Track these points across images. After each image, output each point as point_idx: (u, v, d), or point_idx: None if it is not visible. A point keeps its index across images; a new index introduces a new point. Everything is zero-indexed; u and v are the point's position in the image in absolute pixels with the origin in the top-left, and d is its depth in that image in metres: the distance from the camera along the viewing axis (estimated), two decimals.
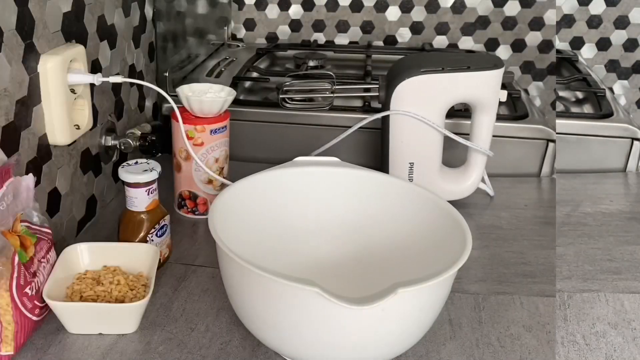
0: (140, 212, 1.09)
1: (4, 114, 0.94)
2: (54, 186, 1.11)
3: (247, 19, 2.24)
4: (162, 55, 1.60)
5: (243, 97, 1.66)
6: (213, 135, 1.24)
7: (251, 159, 1.58)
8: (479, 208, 1.37)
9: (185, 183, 1.29)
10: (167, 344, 0.94)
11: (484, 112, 1.28)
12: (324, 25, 2.23)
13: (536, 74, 2.23)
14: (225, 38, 2.17)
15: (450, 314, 1.02)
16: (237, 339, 0.96)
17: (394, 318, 0.79)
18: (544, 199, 1.43)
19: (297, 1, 2.20)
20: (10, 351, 0.89)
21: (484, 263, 1.16)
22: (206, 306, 1.03)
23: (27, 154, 1.02)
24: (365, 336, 0.80)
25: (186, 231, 1.26)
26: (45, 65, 1.03)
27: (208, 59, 1.92)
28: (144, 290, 1.00)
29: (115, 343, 0.94)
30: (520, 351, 0.95)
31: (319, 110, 1.54)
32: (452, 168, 1.37)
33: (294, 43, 2.21)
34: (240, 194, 1.01)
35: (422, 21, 2.19)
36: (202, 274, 1.12)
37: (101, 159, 1.29)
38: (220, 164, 1.28)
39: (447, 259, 0.84)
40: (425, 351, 0.94)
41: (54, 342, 0.94)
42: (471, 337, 0.97)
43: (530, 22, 2.14)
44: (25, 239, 0.91)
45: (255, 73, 1.79)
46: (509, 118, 1.53)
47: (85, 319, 0.95)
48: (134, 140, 1.33)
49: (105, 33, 1.27)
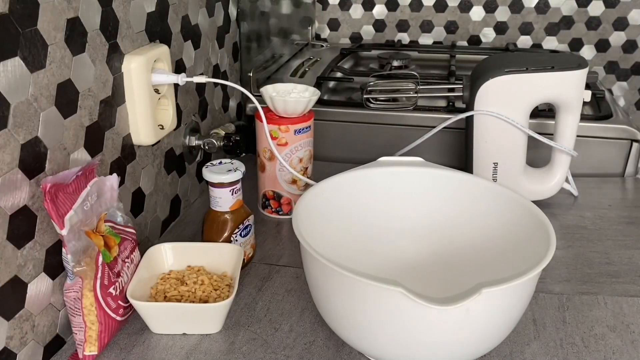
0: (224, 212, 1.08)
1: (88, 114, 0.95)
2: (138, 186, 1.12)
3: (331, 19, 2.24)
4: (246, 55, 1.59)
5: (327, 97, 1.66)
6: (297, 135, 1.23)
7: (335, 159, 1.57)
8: (563, 208, 1.36)
9: (269, 183, 1.29)
10: (251, 344, 0.94)
11: (568, 112, 1.26)
12: (408, 25, 2.21)
13: (620, 74, 2.17)
14: (309, 38, 2.17)
15: (534, 314, 1.01)
16: (321, 339, 0.95)
17: (478, 318, 0.78)
18: (628, 199, 1.40)
19: (381, 1, 2.19)
20: (95, 351, 0.89)
21: (568, 263, 1.14)
22: (290, 306, 1.02)
23: (111, 154, 1.02)
24: (449, 336, 0.79)
25: (270, 231, 1.26)
26: (129, 65, 1.03)
27: (292, 59, 1.92)
28: (228, 290, 0.99)
29: (199, 343, 0.94)
30: (604, 351, 0.93)
31: (403, 110, 1.52)
32: (536, 168, 1.35)
33: (378, 43, 2.20)
34: (324, 194, 1.00)
35: (506, 21, 2.15)
36: (286, 274, 1.11)
37: (185, 159, 1.30)
38: (304, 164, 1.27)
39: (531, 259, 0.82)
40: (509, 351, 0.93)
41: (138, 342, 0.94)
42: (555, 337, 0.96)
43: (614, 22, 2.09)
44: (109, 239, 0.92)
45: (339, 73, 1.78)
46: (593, 118, 1.50)
47: (169, 319, 0.94)
48: (218, 140, 1.32)
49: (189, 33, 1.27)
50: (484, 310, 0.77)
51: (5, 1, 0.75)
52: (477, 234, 1.02)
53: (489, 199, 1.01)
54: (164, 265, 1.04)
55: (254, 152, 1.30)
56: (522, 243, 0.92)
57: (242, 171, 1.08)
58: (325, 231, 0.97)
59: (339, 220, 1.02)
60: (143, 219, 1.15)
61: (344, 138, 1.57)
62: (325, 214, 0.99)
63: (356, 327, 0.82)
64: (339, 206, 1.02)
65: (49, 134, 0.85)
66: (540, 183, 1.33)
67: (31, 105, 0.81)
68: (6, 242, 0.79)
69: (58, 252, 0.88)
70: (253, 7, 1.62)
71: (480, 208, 1.02)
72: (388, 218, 1.07)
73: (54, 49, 0.85)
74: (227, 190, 1.07)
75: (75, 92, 0.91)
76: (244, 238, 1.10)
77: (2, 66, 0.75)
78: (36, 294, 0.86)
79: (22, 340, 0.84)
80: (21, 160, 0.80)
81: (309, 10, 2.15)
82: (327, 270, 0.80)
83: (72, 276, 0.86)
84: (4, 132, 0.77)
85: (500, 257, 0.96)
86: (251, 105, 1.61)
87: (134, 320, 0.97)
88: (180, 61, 1.24)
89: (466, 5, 2.15)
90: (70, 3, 0.88)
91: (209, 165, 1.09)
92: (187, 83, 1.19)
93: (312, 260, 0.84)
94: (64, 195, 0.83)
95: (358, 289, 0.78)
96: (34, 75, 0.81)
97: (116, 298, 0.91)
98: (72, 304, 0.87)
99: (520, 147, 1.28)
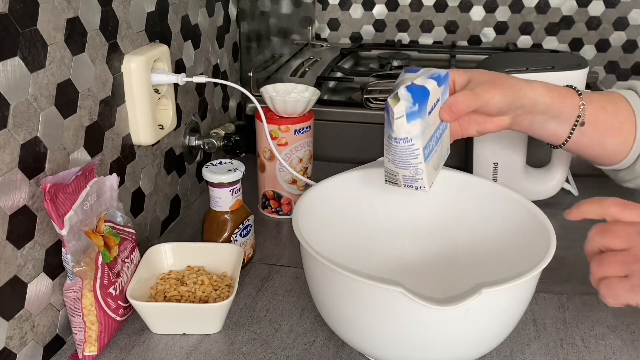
0: (224, 212, 1.08)
1: (88, 114, 0.95)
2: (138, 186, 1.12)
3: (331, 18, 2.23)
4: (246, 55, 1.59)
5: (327, 97, 1.65)
6: (297, 135, 1.23)
7: (335, 159, 1.57)
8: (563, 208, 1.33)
9: (269, 183, 1.29)
10: (251, 344, 0.94)
11: None
12: (408, 25, 2.21)
13: (620, 74, 2.16)
14: (309, 38, 2.16)
15: (534, 314, 1.01)
16: (321, 339, 0.94)
17: (478, 318, 0.78)
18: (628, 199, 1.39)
19: (381, 1, 2.18)
20: (94, 351, 0.89)
21: (568, 263, 1.13)
22: (290, 306, 1.02)
23: (110, 154, 1.02)
24: (449, 336, 0.79)
25: (270, 231, 1.25)
26: (129, 65, 1.03)
27: (292, 58, 1.92)
28: (228, 290, 0.99)
29: (199, 343, 0.94)
30: (604, 351, 0.93)
31: None
32: (536, 168, 1.35)
33: (378, 43, 2.19)
34: (324, 194, 1.00)
35: (506, 21, 2.14)
36: (286, 274, 1.11)
37: (185, 159, 1.30)
38: (304, 164, 1.27)
39: (531, 259, 0.82)
40: (510, 351, 0.93)
41: (138, 342, 0.94)
42: (555, 338, 0.96)
43: (615, 22, 2.08)
44: (109, 239, 0.91)
45: (339, 73, 1.77)
46: None
47: (168, 319, 0.94)
48: (217, 140, 1.32)
49: (189, 33, 1.27)
50: (483, 311, 0.78)
51: (5, 1, 0.75)
52: (478, 234, 1.02)
53: (489, 199, 1.01)
54: (164, 266, 1.04)
55: (254, 152, 1.30)
56: (523, 243, 0.92)
57: (242, 171, 1.08)
58: (325, 231, 0.97)
59: (339, 220, 1.02)
60: (143, 219, 1.15)
61: (344, 138, 1.56)
62: (325, 214, 0.99)
63: (356, 327, 0.83)
64: (338, 206, 1.02)
65: (48, 134, 0.85)
66: (540, 183, 1.33)
67: (31, 105, 0.81)
68: (6, 242, 0.79)
69: (58, 252, 0.88)
70: (253, 7, 1.62)
71: (480, 208, 1.02)
72: (388, 218, 1.07)
73: (53, 49, 0.85)
74: (227, 190, 1.07)
75: (75, 92, 0.91)
76: (244, 238, 1.10)
77: (2, 66, 0.75)
78: (36, 294, 0.86)
79: (21, 341, 0.84)
80: (21, 160, 0.80)
81: (309, 10, 2.15)
82: (327, 271, 0.80)
83: (72, 276, 0.86)
84: (4, 132, 0.77)
85: (501, 257, 0.96)
86: (251, 105, 1.61)
87: (134, 320, 0.97)
88: (180, 61, 1.24)
89: (466, 5, 2.15)
90: (70, 3, 0.88)
91: (209, 165, 1.09)
92: (187, 83, 1.19)
93: (312, 261, 0.84)
94: (63, 195, 0.83)
95: (358, 289, 0.78)
96: (34, 75, 0.81)
97: (116, 298, 0.91)
98: (71, 304, 0.87)
99: (520, 147, 1.28)
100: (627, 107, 1.02)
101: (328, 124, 1.55)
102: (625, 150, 1.03)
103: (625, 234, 0.75)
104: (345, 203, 1.03)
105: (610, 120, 1.02)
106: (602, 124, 1.01)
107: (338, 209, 1.02)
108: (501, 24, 2.15)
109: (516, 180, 1.30)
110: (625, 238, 0.75)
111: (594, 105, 1.01)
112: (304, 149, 1.26)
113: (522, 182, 1.31)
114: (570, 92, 1.01)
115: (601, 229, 0.77)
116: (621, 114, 1.02)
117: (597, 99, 1.02)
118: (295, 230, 0.86)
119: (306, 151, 1.26)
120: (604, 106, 1.02)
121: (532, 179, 1.33)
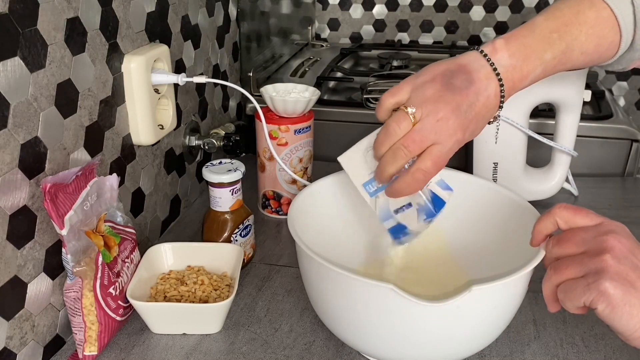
0: (224, 212, 1.08)
1: (88, 114, 0.95)
2: (138, 186, 1.12)
3: (331, 18, 2.23)
4: (246, 55, 1.59)
5: (327, 97, 1.65)
6: (297, 135, 1.23)
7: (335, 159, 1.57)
8: None
9: (269, 183, 1.28)
10: (251, 344, 0.94)
11: (568, 111, 1.26)
12: (408, 25, 2.21)
13: (620, 74, 2.16)
14: (309, 38, 2.16)
15: (534, 314, 1.01)
16: (321, 339, 0.94)
17: (469, 315, 0.79)
18: (628, 199, 1.40)
19: (381, 1, 2.18)
20: (94, 351, 0.89)
21: None
22: (290, 306, 1.02)
23: (110, 154, 1.02)
24: (441, 333, 0.80)
25: (270, 231, 1.25)
26: (129, 65, 1.03)
27: (292, 58, 1.92)
28: (228, 290, 0.99)
29: (199, 343, 0.94)
30: (604, 351, 0.93)
31: None
32: (536, 168, 1.35)
33: (378, 43, 2.19)
34: (319, 193, 1.01)
35: (506, 21, 2.15)
36: (286, 274, 1.11)
37: (185, 159, 1.30)
38: (304, 164, 1.27)
39: (525, 258, 0.82)
40: (509, 351, 0.93)
41: (138, 342, 0.94)
42: (555, 337, 0.96)
43: None
44: (109, 239, 0.91)
45: (339, 73, 1.77)
46: (593, 118, 1.50)
47: (169, 319, 0.94)
48: (217, 140, 1.32)
49: (189, 33, 1.27)
50: (474, 308, 0.78)
51: (5, 1, 0.75)
52: (477, 234, 1.02)
53: (485, 198, 1.01)
54: (164, 265, 1.04)
55: (254, 152, 1.30)
56: (519, 243, 0.91)
57: (242, 171, 1.08)
58: (321, 231, 0.97)
59: (334, 219, 1.02)
60: (143, 219, 1.15)
61: (344, 138, 1.55)
62: (320, 214, 1.00)
63: (350, 326, 0.83)
64: (334, 206, 1.03)
65: (48, 134, 0.85)
66: (540, 183, 1.33)
67: (31, 105, 0.81)
68: (6, 242, 0.79)
69: (58, 252, 0.88)
70: (253, 7, 1.62)
71: (478, 208, 1.02)
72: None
73: (53, 48, 0.85)
74: (227, 190, 1.07)
75: (75, 92, 0.91)
76: (244, 238, 1.10)
77: (2, 66, 0.75)
78: (36, 294, 0.86)
79: (22, 341, 0.84)
80: (21, 160, 0.80)
81: (309, 10, 2.15)
82: (320, 268, 0.81)
83: (72, 276, 0.86)
84: (4, 132, 0.77)
85: (499, 258, 0.96)
86: (251, 105, 1.61)
87: (134, 320, 0.97)
88: (180, 61, 1.24)
89: (466, 5, 2.15)
90: (70, 3, 0.88)
91: (209, 165, 1.09)
92: (187, 83, 1.19)
93: (306, 258, 0.85)
94: (63, 195, 0.83)
95: (350, 286, 0.79)
96: (34, 75, 0.81)
97: (116, 298, 0.91)
98: (72, 304, 0.87)
99: (520, 147, 1.28)
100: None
101: (328, 124, 1.55)
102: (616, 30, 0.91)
103: (580, 239, 0.74)
104: (340, 202, 1.03)
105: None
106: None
107: (333, 208, 1.03)
108: (501, 24, 2.15)
109: (516, 180, 1.30)
110: (581, 243, 0.74)
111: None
112: (304, 149, 1.25)
113: (522, 182, 1.31)
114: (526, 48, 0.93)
115: (556, 240, 0.77)
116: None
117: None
118: (290, 228, 0.87)
119: (306, 151, 1.26)
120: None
121: (532, 179, 1.33)
